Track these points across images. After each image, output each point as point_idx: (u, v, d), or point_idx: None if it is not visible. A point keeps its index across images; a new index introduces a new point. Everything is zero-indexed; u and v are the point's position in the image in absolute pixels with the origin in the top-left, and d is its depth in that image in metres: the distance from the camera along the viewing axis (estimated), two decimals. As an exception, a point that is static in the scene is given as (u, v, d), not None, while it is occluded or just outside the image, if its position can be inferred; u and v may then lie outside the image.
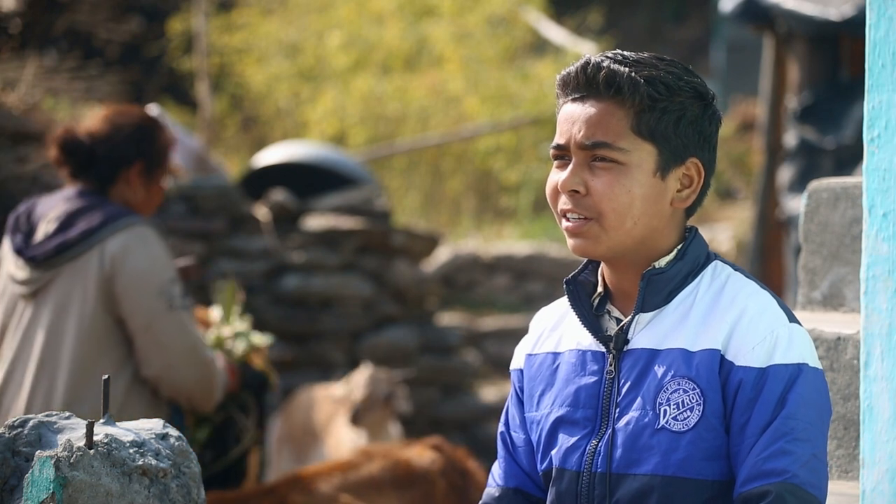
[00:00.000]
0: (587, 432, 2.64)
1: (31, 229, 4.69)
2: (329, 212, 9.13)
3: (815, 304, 3.77)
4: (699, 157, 2.65)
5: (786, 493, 2.49)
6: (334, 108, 14.07)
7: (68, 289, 4.59)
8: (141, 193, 4.74)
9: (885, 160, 2.57)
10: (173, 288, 4.61)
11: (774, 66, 10.15)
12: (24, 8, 12.15)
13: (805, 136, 9.37)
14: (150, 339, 4.57)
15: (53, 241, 4.60)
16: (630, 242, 2.62)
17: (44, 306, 4.61)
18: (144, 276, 4.58)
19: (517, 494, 2.77)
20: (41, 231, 4.65)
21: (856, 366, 3.36)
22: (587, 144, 2.60)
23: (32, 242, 4.65)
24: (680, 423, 2.57)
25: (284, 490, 4.71)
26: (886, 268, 2.57)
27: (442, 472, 4.94)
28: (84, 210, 4.64)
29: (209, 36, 13.43)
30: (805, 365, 2.57)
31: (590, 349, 2.67)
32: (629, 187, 2.59)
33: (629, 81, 2.58)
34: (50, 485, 2.46)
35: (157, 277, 4.60)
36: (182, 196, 8.48)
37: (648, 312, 2.63)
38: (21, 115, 8.77)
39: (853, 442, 3.39)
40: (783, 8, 9.30)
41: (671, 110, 2.60)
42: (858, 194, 3.65)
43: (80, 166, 4.72)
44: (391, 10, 14.83)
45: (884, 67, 2.57)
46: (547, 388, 2.71)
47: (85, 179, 4.73)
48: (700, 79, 2.66)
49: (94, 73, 10.81)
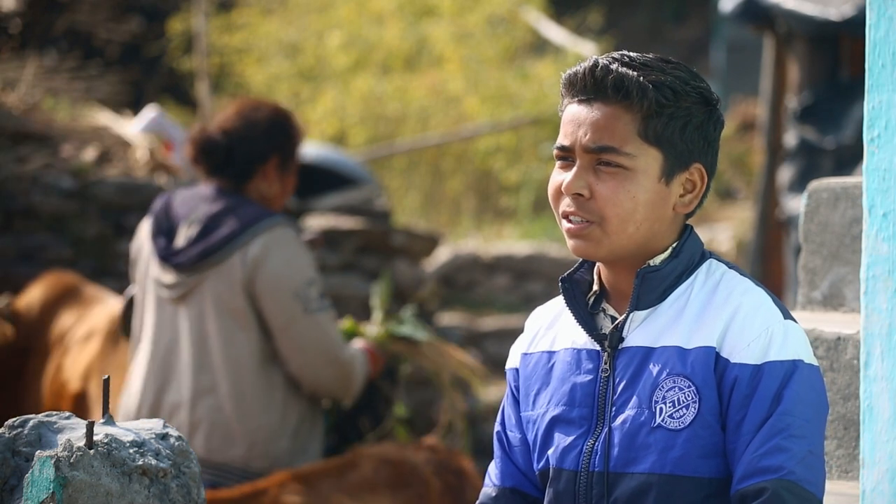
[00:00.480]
0: (583, 431, 2.64)
1: (171, 231, 4.77)
2: (329, 212, 9.13)
3: (815, 304, 3.77)
4: (703, 162, 2.65)
5: (782, 489, 2.49)
6: (334, 108, 14.06)
7: (215, 292, 4.69)
8: (276, 187, 4.83)
9: (885, 160, 2.57)
10: (310, 290, 4.71)
11: (774, 66, 10.14)
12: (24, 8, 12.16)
13: (805, 136, 9.37)
14: (287, 340, 4.69)
15: (197, 246, 4.70)
16: (631, 246, 2.63)
17: (192, 309, 4.72)
18: (281, 279, 4.68)
19: (514, 494, 2.77)
20: (182, 234, 4.74)
21: (856, 366, 3.36)
22: (593, 148, 2.60)
23: (175, 246, 4.74)
24: (676, 421, 2.57)
25: (277, 490, 4.70)
26: (886, 268, 2.57)
27: (437, 472, 4.93)
28: (225, 212, 4.72)
29: (209, 36, 13.43)
30: (800, 361, 2.57)
31: (585, 348, 2.67)
32: (634, 193, 2.59)
33: (638, 86, 2.58)
34: (50, 485, 2.46)
35: (293, 280, 4.69)
36: (182, 196, 8.46)
37: (643, 310, 2.63)
38: (21, 115, 8.77)
39: (853, 442, 3.39)
40: (783, 8, 9.30)
41: (678, 116, 2.60)
42: (858, 194, 3.65)
43: (216, 165, 4.78)
44: (391, 10, 14.82)
45: (884, 67, 2.57)
46: (542, 387, 2.71)
47: (222, 177, 4.80)
48: (706, 83, 2.65)
49: (94, 73, 10.82)
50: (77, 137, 8.75)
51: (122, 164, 8.58)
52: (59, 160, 8.40)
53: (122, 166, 8.54)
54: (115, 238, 8.18)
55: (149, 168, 8.53)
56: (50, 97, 9.61)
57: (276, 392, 4.75)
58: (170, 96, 14.33)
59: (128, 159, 8.64)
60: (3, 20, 12.06)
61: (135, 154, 8.66)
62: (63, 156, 8.47)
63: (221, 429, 4.72)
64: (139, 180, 8.35)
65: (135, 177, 8.40)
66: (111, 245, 8.06)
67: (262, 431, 4.73)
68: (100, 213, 8.22)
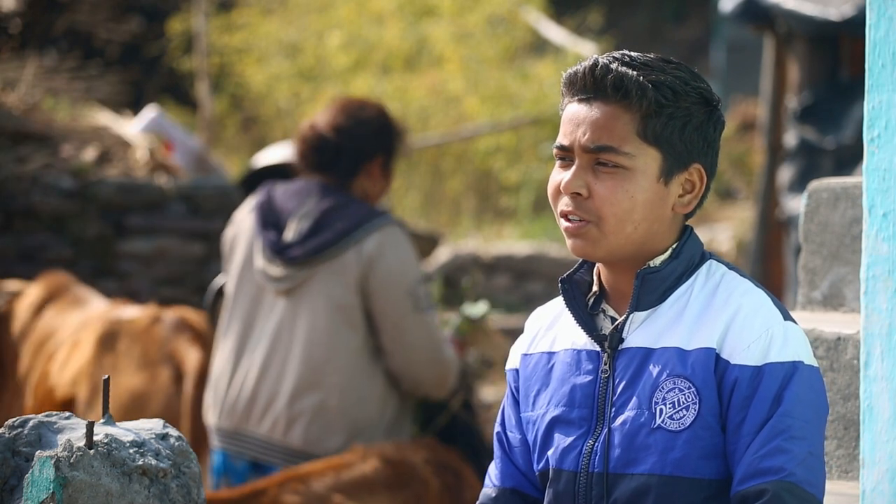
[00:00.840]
0: (583, 432, 2.63)
1: (279, 224, 4.86)
2: (329, 212, 9.12)
3: (815, 304, 3.77)
4: (702, 162, 2.64)
5: (783, 491, 2.49)
6: (334, 109, 14.04)
7: (327, 287, 4.78)
8: (379, 186, 4.98)
9: (885, 160, 2.57)
10: (420, 289, 4.83)
11: (774, 66, 10.14)
12: (24, 8, 12.16)
13: (805, 136, 9.37)
14: (395, 336, 4.79)
15: (312, 241, 4.79)
16: (629, 246, 2.62)
17: (302, 303, 4.80)
18: (395, 277, 4.80)
19: (514, 495, 2.76)
20: (292, 229, 4.82)
21: (856, 366, 3.36)
22: (592, 148, 2.60)
23: (284, 240, 4.82)
24: (676, 423, 2.57)
25: (277, 490, 4.70)
26: (886, 268, 2.57)
27: (435, 472, 4.93)
28: (337, 209, 4.82)
29: (209, 36, 13.43)
30: (801, 363, 2.57)
31: (584, 348, 2.67)
32: (632, 192, 2.59)
33: (637, 86, 2.57)
34: (50, 485, 2.47)
35: (406, 278, 4.81)
36: (182, 196, 8.47)
37: (643, 311, 2.63)
38: (21, 115, 8.78)
39: (853, 442, 3.39)
40: (783, 8, 9.30)
41: (677, 116, 2.60)
42: (858, 194, 3.65)
43: (325, 162, 4.88)
44: (391, 10, 14.82)
45: (884, 67, 2.57)
46: (542, 387, 2.70)
47: (328, 174, 4.89)
48: (706, 83, 2.65)
49: (94, 73, 10.82)
50: (77, 137, 8.75)
51: (122, 164, 8.58)
52: (59, 160, 8.41)
53: (122, 166, 8.55)
54: (115, 238, 8.19)
55: (149, 168, 8.53)
56: (50, 97, 9.61)
57: (376, 387, 4.84)
58: (170, 96, 14.34)
59: (128, 159, 8.64)
60: (3, 20, 12.06)
61: (135, 154, 8.67)
62: (63, 156, 8.47)
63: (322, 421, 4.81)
64: (139, 180, 8.36)
65: (135, 177, 8.41)
66: (111, 245, 8.06)
67: (361, 424, 4.84)
68: (100, 213, 8.23)
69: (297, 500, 4.71)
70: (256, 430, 4.85)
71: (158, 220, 8.32)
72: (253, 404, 4.83)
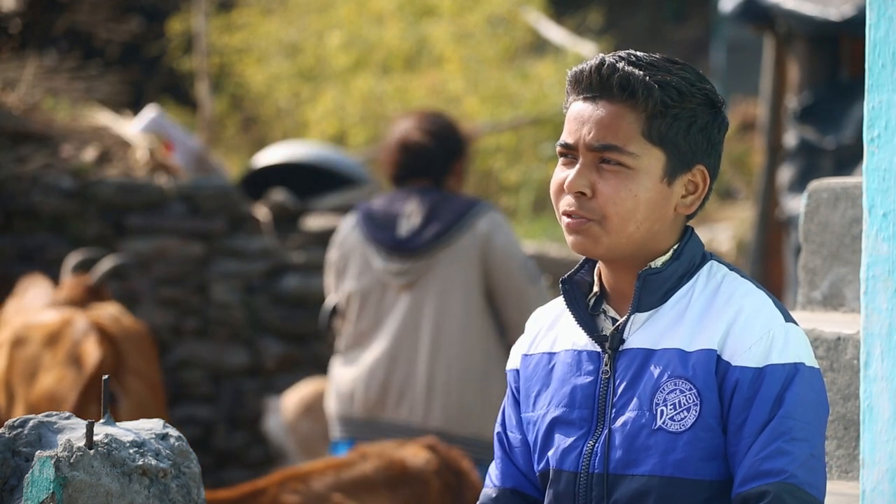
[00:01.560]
0: (583, 433, 2.63)
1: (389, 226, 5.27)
2: (329, 212, 9.12)
3: (815, 304, 3.77)
4: (706, 164, 2.64)
5: (784, 493, 2.49)
6: (334, 108, 14.06)
7: (449, 273, 5.19)
8: (461, 182, 5.50)
9: (885, 160, 2.57)
10: (529, 263, 5.30)
11: (774, 66, 10.14)
12: (24, 8, 12.16)
13: (805, 136, 9.36)
14: (519, 308, 5.14)
15: (429, 230, 5.22)
16: (630, 246, 2.62)
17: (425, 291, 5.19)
18: (511, 253, 5.26)
19: (514, 495, 2.76)
20: (404, 227, 5.25)
21: (856, 366, 3.36)
22: (596, 146, 2.60)
23: (399, 236, 5.23)
24: (677, 424, 2.57)
25: (276, 489, 4.70)
26: (886, 268, 2.57)
27: (436, 472, 4.93)
28: (440, 203, 5.30)
29: (209, 36, 13.43)
30: (802, 364, 2.57)
31: (585, 349, 2.67)
32: (635, 192, 2.59)
33: (644, 86, 2.57)
34: (50, 485, 2.47)
35: (518, 254, 5.29)
36: (182, 196, 8.47)
37: (644, 312, 2.63)
38: (21, 115, 8.77)
39: (853, 442, 3.39)
40: (783, 8, 9.30)
41: (682, 117, 2.60)
42: (858, 194, 3.65)
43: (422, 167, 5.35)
44: (391, 10, 14.82)
45: (884, 67, 2.57)
46: (543, 388, 2.70)
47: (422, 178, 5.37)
48: (711, 85, 2.65)
49: (94, 73, 10.82)
50: (77, 137, 8.75)
51: (122, 164, 8.58)
52: (59, 160, 8.41)
53: (122, 166, 8.54)
54: (115, 238, 8.19)
55: (149, 168, 8.53)
56: (50, 97, 9.60)
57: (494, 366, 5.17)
58: (170, 96, 14.33)
59: (128, 159, 8.64)
60: (3, 20, 12.05)
61: (135, 154, 8.67)
62: (63, 156, 8.47)
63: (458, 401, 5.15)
64: (139, 180, 8.35)
65: (135, 177, 8.40)
66: (111, 245, 8.06)
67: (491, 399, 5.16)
68: (100, 213, 8.22)
69: (296, 499, 4.70)
70: (395, 417, 5.18)
71: (158, 220, 8.32)
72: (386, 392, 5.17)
